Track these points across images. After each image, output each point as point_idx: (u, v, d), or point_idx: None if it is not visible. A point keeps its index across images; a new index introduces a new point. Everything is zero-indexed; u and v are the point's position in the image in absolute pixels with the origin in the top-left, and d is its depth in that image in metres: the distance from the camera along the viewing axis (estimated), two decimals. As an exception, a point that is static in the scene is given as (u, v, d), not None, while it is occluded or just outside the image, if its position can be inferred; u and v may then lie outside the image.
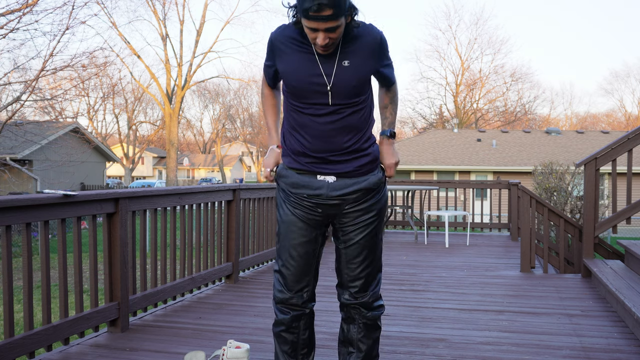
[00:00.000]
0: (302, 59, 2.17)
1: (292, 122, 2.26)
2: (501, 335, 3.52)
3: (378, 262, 2.39)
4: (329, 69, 2.15)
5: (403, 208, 8.78)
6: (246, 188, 5.29)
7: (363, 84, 2.20)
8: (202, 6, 60.29)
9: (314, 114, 2.19)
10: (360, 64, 2.17)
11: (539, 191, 10.22)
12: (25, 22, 13.99)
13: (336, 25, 2.02)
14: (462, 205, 20.57)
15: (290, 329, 2.37)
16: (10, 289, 2.80)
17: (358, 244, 2.31)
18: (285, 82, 2.24)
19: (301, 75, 2.16)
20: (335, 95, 2.16)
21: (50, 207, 3.01)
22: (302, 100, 2.20)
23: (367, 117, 2.27)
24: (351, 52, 2.16)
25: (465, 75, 43.58)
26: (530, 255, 5.82)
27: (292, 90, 2.21)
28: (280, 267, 2.34)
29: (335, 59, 2.15)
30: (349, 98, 2.18)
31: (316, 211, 2.29)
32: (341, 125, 2.19)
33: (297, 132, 2.25)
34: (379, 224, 2.35)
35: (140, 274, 3.87)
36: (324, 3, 1.95)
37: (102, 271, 9.25)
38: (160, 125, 44.60)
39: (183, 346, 3.26)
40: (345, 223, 2.31)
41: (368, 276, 2.35)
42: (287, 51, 2.19)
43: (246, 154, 66.09)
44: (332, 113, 2.18)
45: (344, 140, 2.21)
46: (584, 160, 5.50)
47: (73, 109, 34.31)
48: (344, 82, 2.15)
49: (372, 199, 2.30)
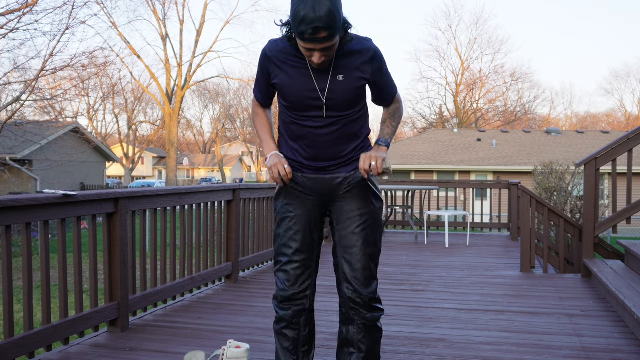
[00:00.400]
0: (297, 74, 2.20)
1: (291, 134, 2.31)
2: (501, 335, 3.52)
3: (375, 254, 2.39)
4: (323, 83, 2.19)
5: (403, 208, 8.78)
6: (246, 188, 5.29)
7: (357, 96, 2.24)
8: (202, 6, 60.23)
9: (312, 126, 2.24)
10: (354, 78, 2.20)
11: (539, 191, 10.22)
12: (25, 22, 13.99)
13: (331, 45, 2.05)
14: (462, 205, 20.57)
15: (292, 325, 2.38)
16: (10, 289, 2.80)
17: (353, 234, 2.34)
18: (282, 97, 2.27)
19: (297, 90, 2.20)
20: (330, 109, 2.22)
21: (50, 207, 3.01)
22: (299, 113, 2.25)
23: (363, 125, 2.34)
24: (345, 66, 2.19)
25: (465, 75, 43.60)
26: (530, 255, 5.82)
27: (289, 105, 2.25)
28: (281, 265, 2.36)
29: (329, 73, 2.18)
30: (344, 110, 2.23)
31: (310, 198, 2.34)
32: (338, 135, 2.26)
33: (295, 142, 2.30)
34: (372, 217, 2.36)
35: (140, 274, 3.87)
36: (320, 26, 1.96)
37: (102, 271, 9.26)
38: (160, 125, 44.61)
39: (183, 346, 3.26)
40: (339, 214, 2.36)
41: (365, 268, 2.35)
42: (282, 67, 2.22)
43: (246, 154, 66.10)
44: (329, 125, 2.24)
45: (342, 149, 2.29)
46: (584, 160, 5.49)
47: (73, 109, 34.34)
48: (338, 96, 2.20)
49: (362, 189, 2.33)
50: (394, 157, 24.56)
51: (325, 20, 1.95)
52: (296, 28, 2.00)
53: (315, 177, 2.32)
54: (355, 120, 2.29)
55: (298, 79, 2.19)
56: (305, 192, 2.35)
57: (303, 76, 2.19)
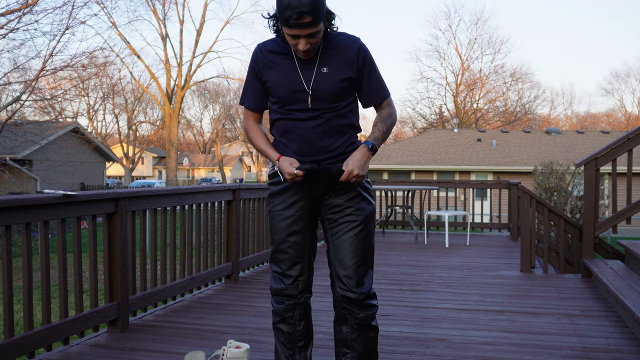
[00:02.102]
0: (284, 69, 2.28)
1: (280, 131, 2.35)
2: (501, 335, 3.52)
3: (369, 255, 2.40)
4: (308, 75, 2.27)
5: (403, 208, 8.78)
6: (246, 188, 5.29)
7: (342, 89, 2.28)
8: (202, 6, 60.27)
9: (299, 118, 2.29)
10: (338, 71, 2.27)
11: (539, 191, 10.22)
12: (25, 22, 14.00)
13: (316, 31, 2.14)
14: (462, 205, 20.57)
15: (285, 319, 2.41)
16: (10, 289, 2.80)
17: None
18: (271, 94, 2.33)
19: (284, 83, 2.28)
20: (315, 100, 2.27)
21: (50, 207, 3.01)
22: (286, 107, 2.30)
23: (351, 123, 2.36)
24: (330, 59, 2.27)
25: (465, 75, 43.61)
26: (530, 255, 5.82)
27: (277, 100, 2.32)
28: (274, 257, 2.40)
29: (315, 65, 2.26)
30: (329, 103, 2.28)
31: (305, 192, 2.35)
32: (324, 129, 2.30)
33: (284, 137, 2.35)
34: (365, 215, 2.36)
35: (140, 274, 3.87)
36: (304, 11, 2.06)
37: (102, 271, 9.25)
38: (160, 125, 44.62)
39: (183, 346, 3.26)
40: (332, 212, 2.37)
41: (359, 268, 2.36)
42: (270, 64, 2.31)
43: (246, 154, 66.10)
44: (315, 118, 2.29)
45: (329, 143, 2.31)
46: (584, 160, 5.49)
47: (73, 109, 34.30)
48: (322, 88, 2.26)
49: (353, 189, 2.35)
50: (394, 157, 24.57)
51: (308, 4, 2.06)
52: (281, 15, 2.11)
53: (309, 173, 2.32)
54: (343, 115, 2.32)
55: (285, 72, 2.28)
56: (300, 188, 2.36)
57: (290, 69, 2.28)
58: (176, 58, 32.87)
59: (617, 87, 74.14)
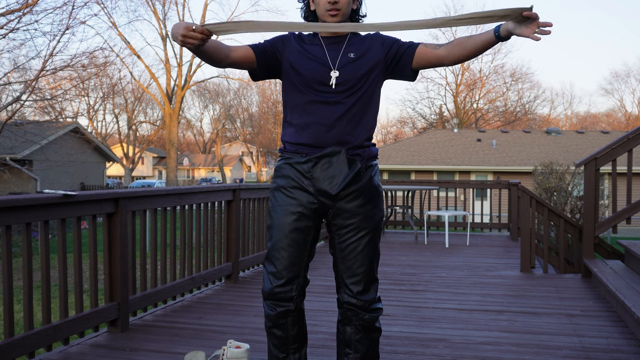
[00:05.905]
0: (311, 50, 2.30)
1: (297, 116, 2.28)
2: (501, 335, 3.52)
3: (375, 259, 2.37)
4: (334, 58, 2.27)
5: (403, 208, 8.78)
6: (246, 188, 5.29)
7: (367, 76, 2.27)
8: (202, 6, 60.24)
9: (321, 100, 2.24)
10: (366, 56, 2.28)
11: (539, 191, 10.22)
12: (25, 22, 14.00)
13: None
14: (462, 205, 20.56)
15: (278, 325, 2.34)
16: (10, 289, 2.80)
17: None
18: (294, 74, 2.28)
19: (310, 63, 2.26)
20: (339, 84, 2.24)
21: (50, 207, 3.01)
22: (309, 88, 2.26)
23: (371, 120, 2.32)
24: (356, 46, 2.30)
25: (465, 75, 43.58)
26: (530, 255, 5.82)
27: (301, 81, 2.27)
28: (271, 254, 2.31)
29: (341, 50, 2.28)
30: (353, 89, 2.25)
31: (311, 192, 2.27)
32: (347, 116, 2.24)
33: (303, 119, 2.27)
34: (374, 222, 2.34)
35: (140, 274, 3.87)
36: None
37: (102, 271, 9.24)
38: (160, 125, 44.59)
39: (183, 346, 3.26)
40: (340, 216, 2.30)
41: (367, 273, 2.33)
42: (297, 47, 2.31)
43: (246, 154, 66.06)
44: (336, 103, 2.24)
45: (349, 131, 2.25)
46: (584, 160, 5.49)
47: (73, 109, 34.30)
48: (348, 72, 2.25)
49: (360, 188, 2.29)
50: (394, 157, 24.57)
51: None
52: None
53: (320, 165, 2.25)
54: (365, 107, 2.27)
55: (312, 53, 2.28)
56: (306, 186, 2.28)
57: (317, 51, 2.28)
58: (176, 58, 32.88)
59: (617, 87, 74.22)
